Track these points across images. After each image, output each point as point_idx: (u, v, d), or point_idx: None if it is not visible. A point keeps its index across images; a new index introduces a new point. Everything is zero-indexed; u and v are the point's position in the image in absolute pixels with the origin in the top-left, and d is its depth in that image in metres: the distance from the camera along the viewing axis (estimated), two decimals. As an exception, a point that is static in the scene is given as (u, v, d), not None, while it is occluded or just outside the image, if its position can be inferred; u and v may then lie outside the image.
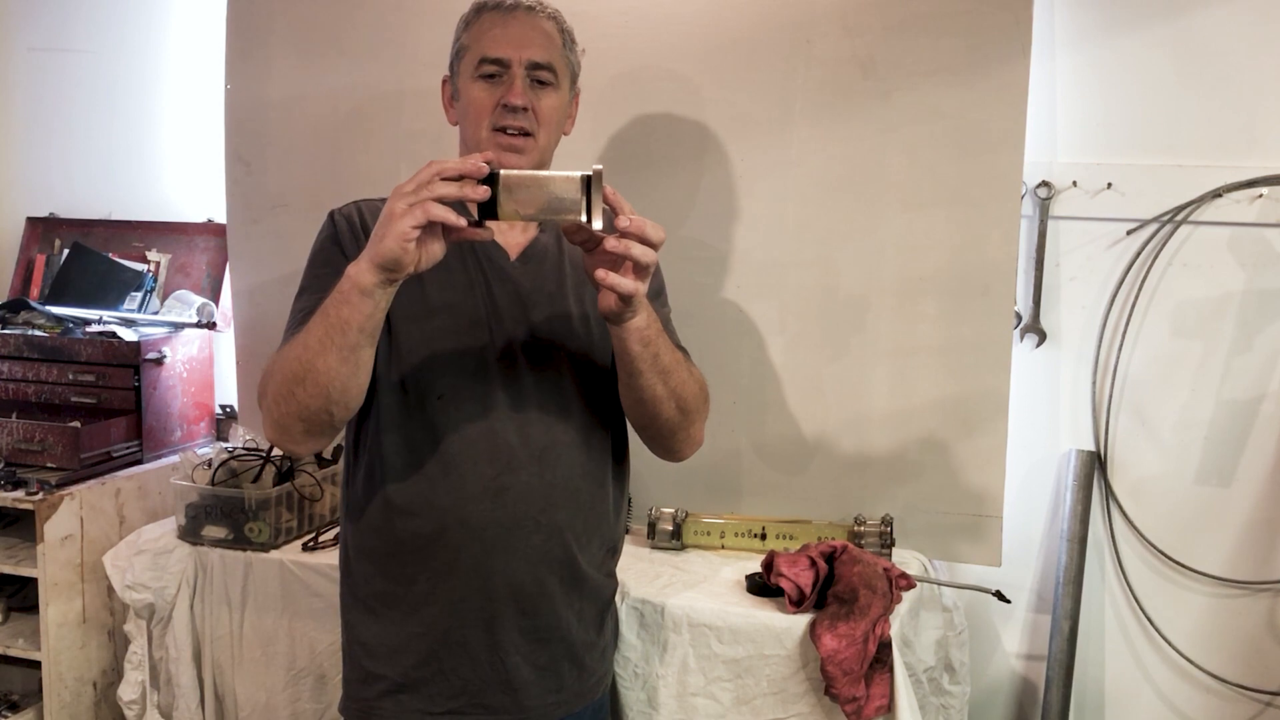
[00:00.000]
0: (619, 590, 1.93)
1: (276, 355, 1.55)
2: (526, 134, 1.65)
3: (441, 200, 1.37)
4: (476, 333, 1.66)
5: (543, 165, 1.70)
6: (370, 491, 1.68)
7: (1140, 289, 2.48)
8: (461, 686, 1.69)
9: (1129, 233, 2.47)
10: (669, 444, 1.74)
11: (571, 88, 1.75)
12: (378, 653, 1.70)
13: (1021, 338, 2.54)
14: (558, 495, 1.69)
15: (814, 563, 2.07)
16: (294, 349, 1.50)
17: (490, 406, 1.65)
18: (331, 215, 1.71)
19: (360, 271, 1.41)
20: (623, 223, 1.42)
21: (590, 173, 1.38)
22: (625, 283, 1.44)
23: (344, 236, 1.66)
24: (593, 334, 1.73)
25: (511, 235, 1.72)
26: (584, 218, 1.38)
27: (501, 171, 1.38)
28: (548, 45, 1.68)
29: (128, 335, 2.86)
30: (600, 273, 1.44)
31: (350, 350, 1.46)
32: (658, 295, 1.83)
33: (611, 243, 1.42)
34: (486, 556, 1.65)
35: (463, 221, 1.39)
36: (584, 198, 1.38)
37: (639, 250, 1.43)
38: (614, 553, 1.84)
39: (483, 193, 1.37)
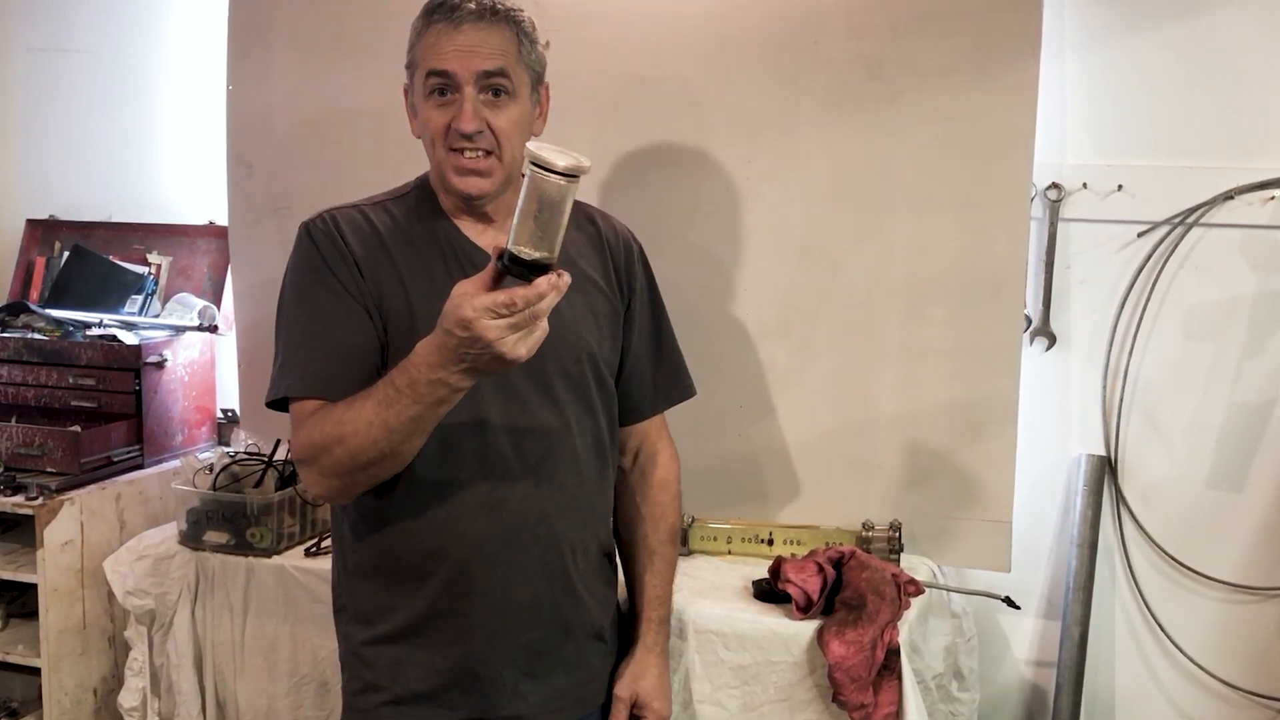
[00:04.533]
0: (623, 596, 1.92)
1: (336, 427, 1.50)
2: (488, 153, 1.60)
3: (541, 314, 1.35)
4: None
5: (511, 179, 1.66)
6: (366, 508, 1.66)
7: (1151, 292, 2.46)
8: (461, 700, 1.67)
9: (1140, 235, 2.45)
10: None
11: (534, 91, 1.67)
12: (377, 665, 1.69)
13: (1031, 341, 2.52)
14: (555, 506, 1.67)
15: (822, 568, 2.06)
16: (372, 435, 1.46)
17: (483, 418, 1.62)
18: (308, 231, 1.65)
19: (469, 381, 1.41)
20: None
21: (528, 161, 1.33)
22: None
23: (329, 256, 1.62)
24: (584, 337, 1.70)
25: (491, 237, 1.68)
26: (570, 177, 1.33)
27: (519, 253, 1.33)
28: (500, 52, 1.59)
29: (128, 339, 2.85)
30: None
31: (434, 427, 1.48)
32: (641, 313, 1.82)
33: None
34: (486, 570, 1.64)
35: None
36: (568, 178, 1.33)
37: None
38: (611, 559, 1.83)
39: (568, 278, 1.35)
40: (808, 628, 2.00)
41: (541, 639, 1.69)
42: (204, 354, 3.01)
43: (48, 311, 2.97)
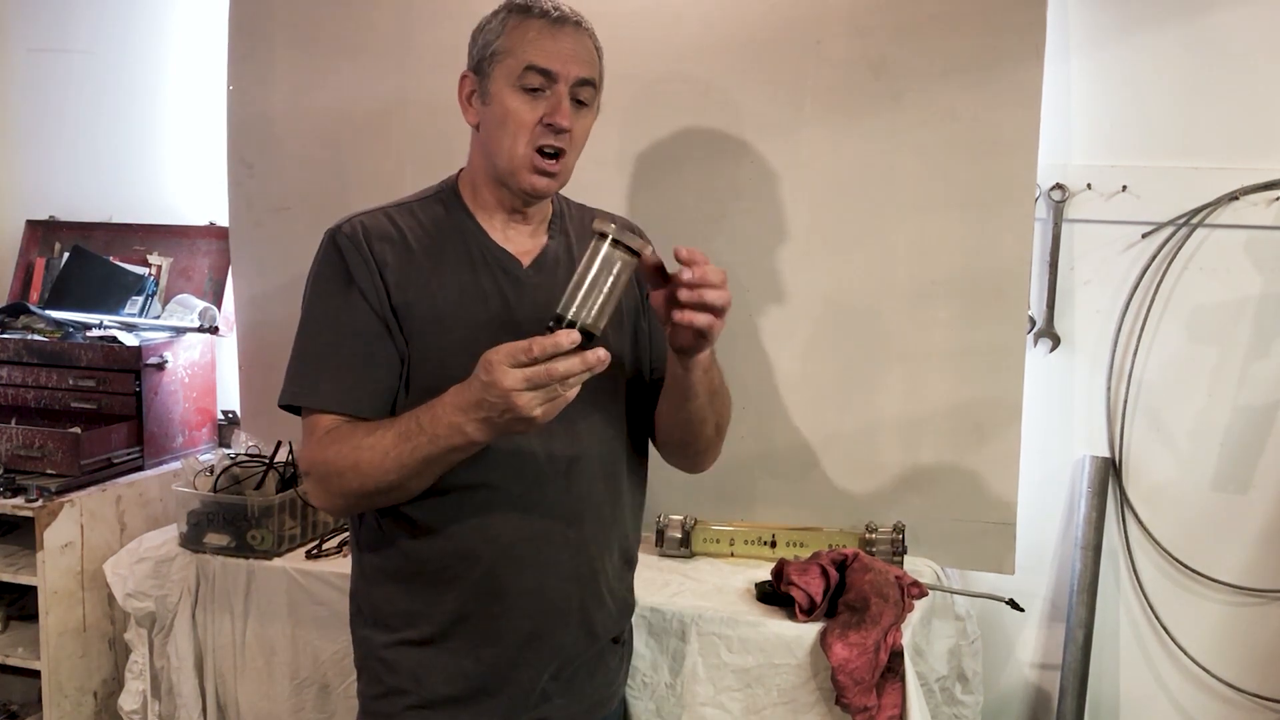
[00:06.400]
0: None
1: (354, 452, 1.52)
2: (562, 154, 1.62)
3: (575, 386, 1.38)
4: (494, 346, 1.62)
5: (566, 183, 1.68)
6: (389, 512, 1.64)
7: (1156, 293, 2.45)
8: (489, 704, 1.67)
9: (1144, 236, 2.44)
10: (697, 461, 1.78)
11: (598, 105, 1.70)
12: (400, 668, 1.67)
13: (1035, 342, 2.51)
14: (584, 509, 1.67)
15: (825, 571, 2.05)
16: (384, 467, 1.50)
17: None
18: (334, 239, 1.63)
19: (483, 435, 1.43)
20: (686, 275, 1.44)
21: (597, 230, 1.39)
22: (702, 317, 1.46)
23: (354, 265, 1.61)
24: (609, 342, 1.69)
25: (519, 242, 1.69)
26: (638, 257, 1.40)
27: (565, 314, 1.37)
28: (592, 62, 1.64)
29: (128, 340, 2.84)
30: (681, 314, 1.46)
31: (445, 472, 1.52)
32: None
33: (685, 294, 1.44)
34: (517, 574, 1.63)
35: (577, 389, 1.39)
36: (627, 254, 1.39)
37: (713, 295, 1.45)
38: (630, 565, 1.82)
39: (604, 355, 1.37)
40: (811, 630, 1.99)
41: (570, 643, 1.69)
42: (204, 355, 3.01)
43: (48, 313, 2.96)
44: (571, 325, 1.37)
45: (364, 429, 1.54)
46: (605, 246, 1.38)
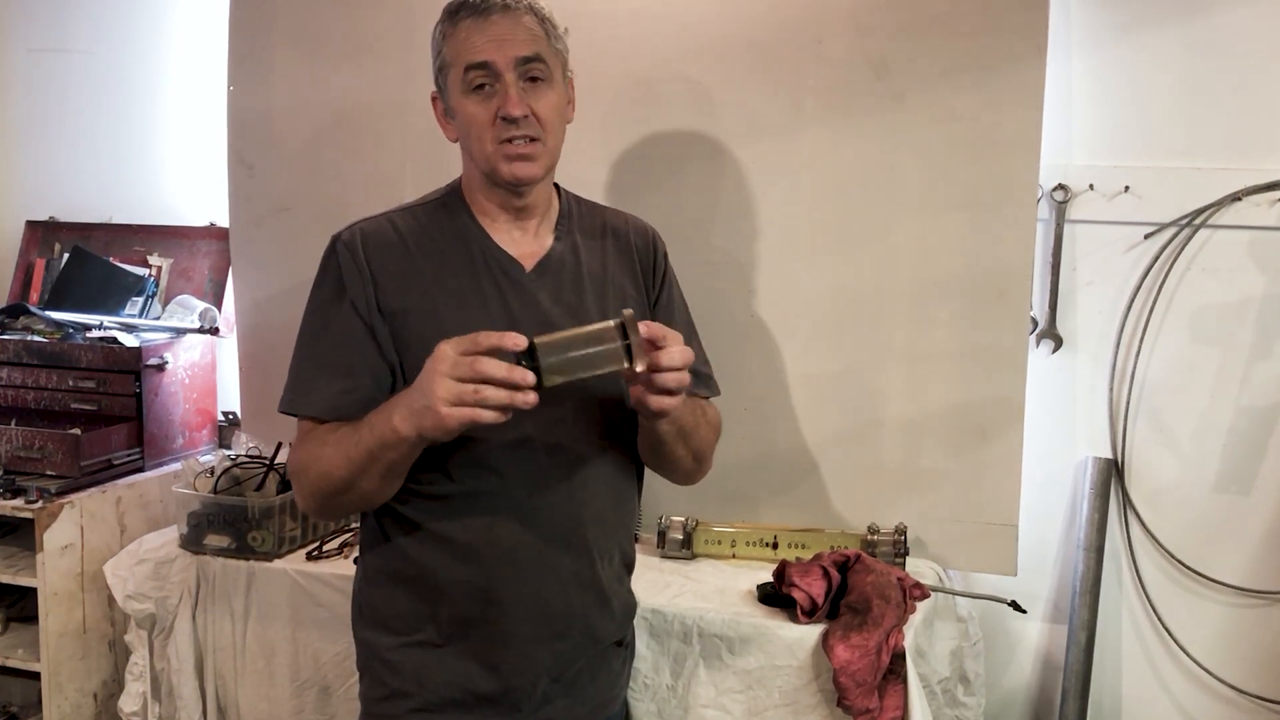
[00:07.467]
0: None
1: (319, 448, 1.55)
2: (533, 139, 1.61)
3: (488, 403, 1.37)
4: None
5: (553, 166, 1.66)
6: (395, 514, 1.64)
7: (1158, 294, 2.44)
8: (491, 708, 1.66)
9: (1147, 236, 2.44)
10: (680, 481, 1.80)
11: (565, 75, 1.68)
12: (402, 670, 1.67)
13: (1037, 343, 2.51)
14: (587, 514, 1.66)
15: (826, 572, 2.05)
16: (335, 462, 1.52)
17: (519, 427, 1.58)
18: (334, 246, 1.64)
19: (410, 432, 1.43)
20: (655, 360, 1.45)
21: (623, 318, 1.40)
22: (666, 402, 1.48)
23: (348, 273, 1.61)
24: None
25: (524, 244, 1.68)
26: (627, 364, 1.40)
27: (536, 341, 1.37)
28: (531, 39, 1.61)
29: (129, 341, 2.83)
30: (643, 397, 1.48)
31: (394, 475, 1.53)
32: (670, 304, 1.81)
33: (653, 377, 1.46)
34: (517, 578, 1.63)
35: (506, 417, 1.39)
36: (622, 343, 1.39)
37: (672, 380, 1.46)
38: (629, 569, 1.82)
39: (530, 389, 1.37)
40: (812, 632, 1.99)
41: (573, 647, 1.69)
42: (205, 356, 3.00)
43: (47, 314, 2.96)
44: (534, 365, 1.37)
45: (333, 428, 1.56)
46: (617, 341, 1.39)
